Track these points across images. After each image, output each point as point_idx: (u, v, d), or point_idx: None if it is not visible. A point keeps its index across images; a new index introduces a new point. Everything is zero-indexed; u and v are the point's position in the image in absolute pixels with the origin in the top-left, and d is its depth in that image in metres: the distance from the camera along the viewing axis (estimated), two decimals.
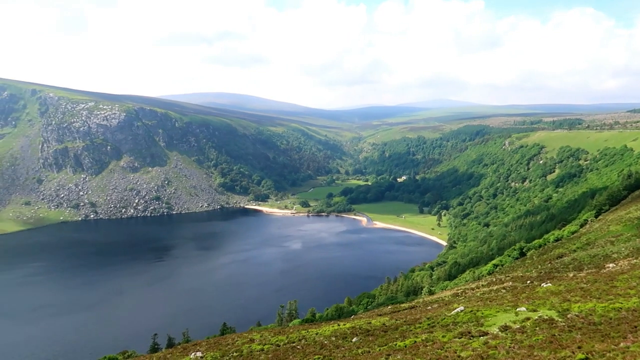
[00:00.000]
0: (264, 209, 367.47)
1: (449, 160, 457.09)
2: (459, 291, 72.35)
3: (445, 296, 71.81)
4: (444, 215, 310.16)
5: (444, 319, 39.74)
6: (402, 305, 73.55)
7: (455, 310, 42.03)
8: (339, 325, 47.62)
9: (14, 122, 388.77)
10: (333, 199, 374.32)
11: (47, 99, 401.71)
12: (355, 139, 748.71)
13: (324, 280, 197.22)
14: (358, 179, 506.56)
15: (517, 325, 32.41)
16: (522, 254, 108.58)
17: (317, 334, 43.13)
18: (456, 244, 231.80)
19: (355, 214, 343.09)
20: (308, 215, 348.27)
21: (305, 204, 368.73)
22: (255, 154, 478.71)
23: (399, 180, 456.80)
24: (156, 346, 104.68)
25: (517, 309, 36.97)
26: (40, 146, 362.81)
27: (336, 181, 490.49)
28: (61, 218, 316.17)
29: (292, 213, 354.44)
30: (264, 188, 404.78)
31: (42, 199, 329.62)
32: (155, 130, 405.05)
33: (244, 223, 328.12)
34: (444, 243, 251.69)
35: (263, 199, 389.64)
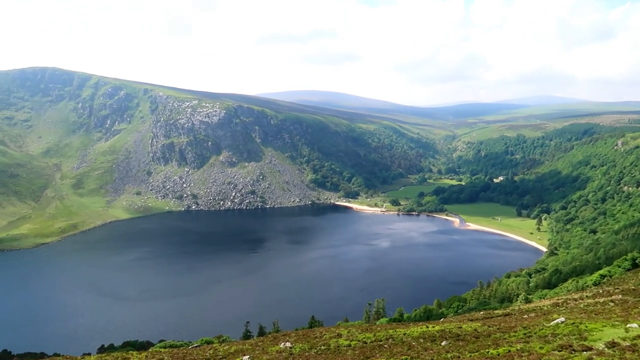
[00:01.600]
0: (354, 206, 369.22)
1: (551, 161, 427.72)
2: (560, 301, 67.71)
3: (543, 305, 67.54)
4: (545, 219, 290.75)
5: (542, 329, 37.47)
6: (496, 311, 70.39)
7: (555, 321, 39.46)
8: (427, 327, 46.76)
9: (128, 119, 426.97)
10: (424, 198, 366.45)
11: (157, 98, 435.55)
12: (449, 137, 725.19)
13: (412, 280, 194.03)
14: (451, 179, 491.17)
15: (627, 343, 29.68)
16: (635, 265, 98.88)
17: (404, 334, 42.69)
18: (557, 250, 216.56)
19: (447, 215, 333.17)
20: (398, 214, 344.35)
21: (395, 203, 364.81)
22: (347, 151, 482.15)
23: (495, 181, 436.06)
24: (248, 333, 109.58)
25: (628, 325, 33.86)
26: (150, 141, 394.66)
27: (428, 180, 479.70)
28: (167, 208, 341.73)
29: (382, 211, 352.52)
30: (354, 185, 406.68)
31: (151, 190, 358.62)
32: (252, 127, 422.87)
33: (333, 219, 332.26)
34: (544, 249, 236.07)
35: (353, 196, 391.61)
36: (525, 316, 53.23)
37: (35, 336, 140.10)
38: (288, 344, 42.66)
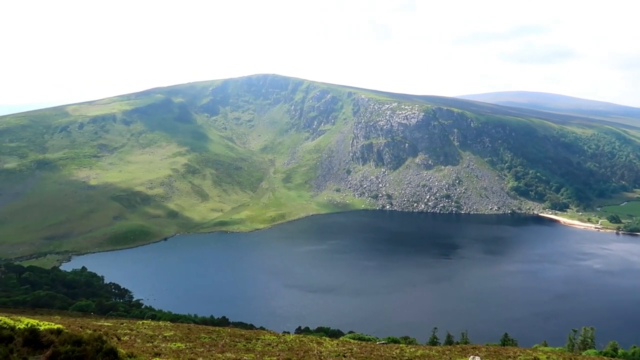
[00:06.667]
0: (562, 219, 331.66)
1: None
2: None
3: None
4: None
5: None
6: None
7: None
8: None
9: (333, 120, 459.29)
10: None
11: (359, 101, 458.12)
12: None
13: (629, 313, 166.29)
14: None
15: None
16: None
17: None
18: None
19: None
20: (617, 233, 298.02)
21: (614, 219, 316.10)
22: (556, 158, 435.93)
23: None
24: (435, 340, 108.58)
25: None
26: (351, 141, 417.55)
27: None
28: (362, 206, 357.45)
29: (596, 228, 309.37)
30: (562, 196, 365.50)
31: (349, 188, 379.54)
32: (450, 129, 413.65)
33: (535, 232, 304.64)
34: None
35: (561, 208, 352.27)
36: None
37: (245, 309, 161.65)
38: (477, 358, 41.38)
